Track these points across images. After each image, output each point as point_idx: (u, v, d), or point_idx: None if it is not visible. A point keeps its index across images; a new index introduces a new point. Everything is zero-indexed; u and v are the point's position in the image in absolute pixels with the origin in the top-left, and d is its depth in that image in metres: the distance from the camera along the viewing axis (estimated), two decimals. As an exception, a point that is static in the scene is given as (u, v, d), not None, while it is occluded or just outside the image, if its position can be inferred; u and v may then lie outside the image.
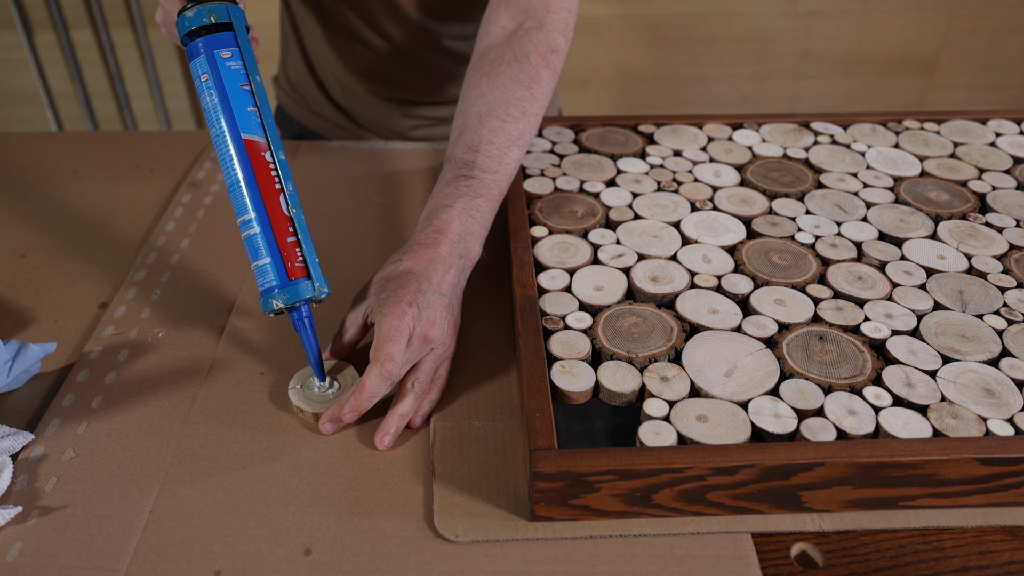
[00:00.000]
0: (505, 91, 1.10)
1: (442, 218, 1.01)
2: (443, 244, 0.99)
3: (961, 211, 1.18)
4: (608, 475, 0.80)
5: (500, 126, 1.08)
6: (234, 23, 0.92)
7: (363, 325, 1.00)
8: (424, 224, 1.02)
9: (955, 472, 0.82)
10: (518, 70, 1.11)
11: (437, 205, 1.03)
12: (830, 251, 1.10)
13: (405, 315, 0.91)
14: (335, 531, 0.84)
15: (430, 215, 1.03)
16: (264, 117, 0.91)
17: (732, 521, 0.85)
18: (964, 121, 1.42)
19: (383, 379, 0.90)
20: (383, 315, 0.92)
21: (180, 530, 0.84)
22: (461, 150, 1.07)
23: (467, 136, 1.08)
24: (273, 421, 0.96)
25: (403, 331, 0.91)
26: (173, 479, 0.89)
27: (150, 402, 0.98)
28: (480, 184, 1.04)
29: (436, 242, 0.99)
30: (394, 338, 0.90)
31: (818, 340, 0.95)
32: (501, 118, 1.08)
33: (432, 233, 1.00)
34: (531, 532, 0.83)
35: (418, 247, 0.99)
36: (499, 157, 1.07)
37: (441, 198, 1.04)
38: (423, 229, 1.01)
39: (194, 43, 0.92)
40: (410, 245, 1.00)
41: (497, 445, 0.92)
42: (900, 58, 3.20)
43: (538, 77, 1.12)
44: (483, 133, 1.07)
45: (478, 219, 1.03)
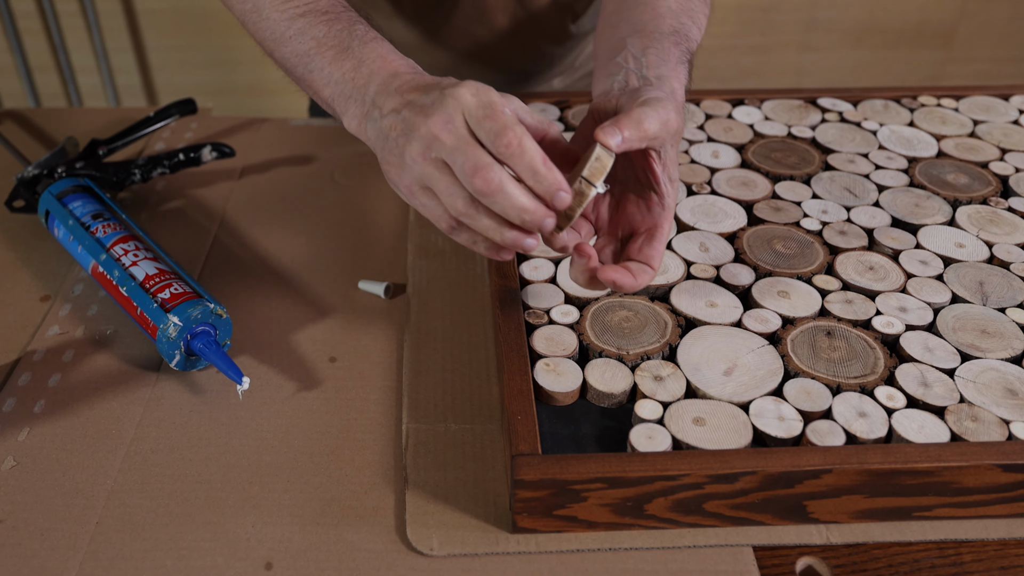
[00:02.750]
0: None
1: (668, 77, 0.95)
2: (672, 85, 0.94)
3: (981, 195, 1.18)
4: (596, 483, 0.80)
5: (679, 25, 1.04)
6: None
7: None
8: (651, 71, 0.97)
9: (975, 480, 0.82)
10: None
11: (657, 58, 0.97)
12: (839, 239, 1.10)
13: (675, 99, 0.90)
14: (298, 543, 0.84)
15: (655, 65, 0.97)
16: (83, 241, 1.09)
17: (732, 533, 0.85)
18: (985, 97, 1.42)
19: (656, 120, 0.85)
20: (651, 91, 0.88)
21: (129, 543, 0.84)
22: (658, 25, 1.03)
23: (664, 21, 1.03)
24: (230, 424, 0.95)
25: (669, 111, 0.86)
26: (122, 487, 0.89)
27: (97, 405, 0.98)
28: (684, 70, 1.00)
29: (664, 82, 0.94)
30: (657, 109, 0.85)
31: (825, 336, 0.95)
32: (692, 17, 1.06)
33: (662, 80, 0.94)
34: (512, 545, 0.83)
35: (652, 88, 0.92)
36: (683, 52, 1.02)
37: (663, 51, 0.98)
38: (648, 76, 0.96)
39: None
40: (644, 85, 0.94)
41: (475, 450, 0.92)
42: (915, 28, 3.20)
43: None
44: (670, 25, 1.03)
45: (681, 89, 0.97)
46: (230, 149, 1.30)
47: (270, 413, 0.97)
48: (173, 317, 0.96)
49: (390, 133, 0.86)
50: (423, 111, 0.83)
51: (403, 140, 0.84)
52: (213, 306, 0.98)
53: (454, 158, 0.81)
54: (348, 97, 0.92)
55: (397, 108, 0.86)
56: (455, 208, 0.83)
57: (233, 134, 1.46)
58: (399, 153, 0.85)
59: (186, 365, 0.99)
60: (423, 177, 0.84)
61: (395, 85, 0.88)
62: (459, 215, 0.84)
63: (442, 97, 0.82)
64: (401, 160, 0.85)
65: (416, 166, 0.84)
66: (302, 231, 1.24)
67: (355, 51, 0.93)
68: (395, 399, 0.99)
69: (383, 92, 0.88)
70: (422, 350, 1.04)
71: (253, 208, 1.29)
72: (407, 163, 0.84)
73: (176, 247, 1.19)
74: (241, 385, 0.94)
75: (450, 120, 0.80)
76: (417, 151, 0.83)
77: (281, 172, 1.37)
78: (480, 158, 0.79)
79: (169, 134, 1.45)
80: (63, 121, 1.49)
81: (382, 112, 0.87)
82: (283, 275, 1.16)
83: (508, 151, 0.79)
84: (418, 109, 0.83)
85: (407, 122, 0.84)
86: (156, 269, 1.02)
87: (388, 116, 0.87)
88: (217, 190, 1.32)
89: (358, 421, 0.96)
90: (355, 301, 1.12)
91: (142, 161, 1.27)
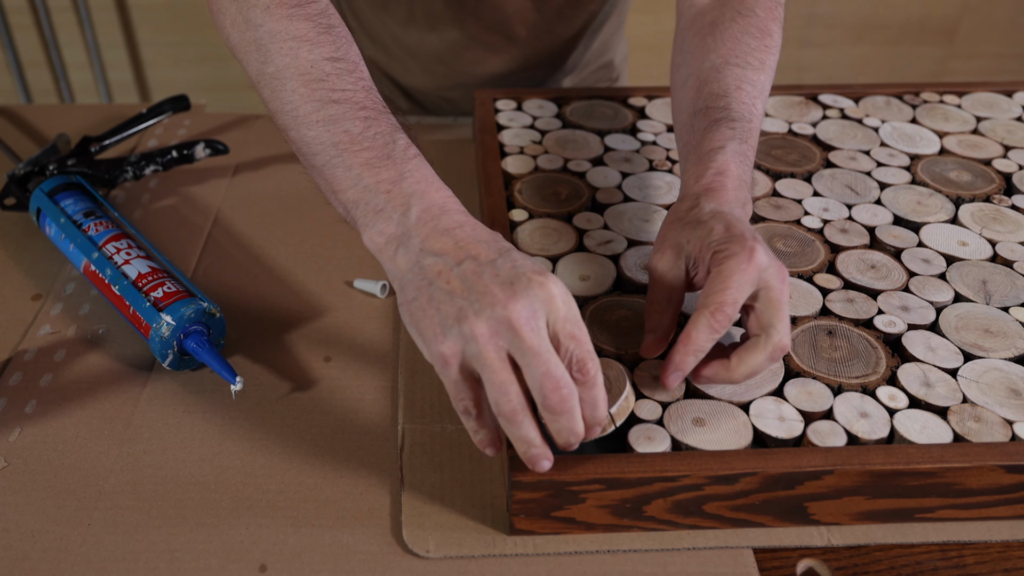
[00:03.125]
0: (737, 42, 1.06)
1: (719, 160, 0.94)
2: (728, 188, 0.92)
3: (984, 193, 1.18)
4: (595, 484, 0.80)
5: (743, 74, 1.03)
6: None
7: (684, 285, 0.91)
8: (698, 168, 0.95)
9: (978, 481, 0.82)
10: (745, 23, 1.07)
11: (707, 148, 0.96)
12: (840, 237, 1.10)
13: (755, 254, 0.83)
14: (293, 545, 0.84)
15: (702, 158, 0.95)
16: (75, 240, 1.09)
17: (732, 535, 0.85)
18: (988, 93, 1.42)
19: (710, 332, 0.83)
20: (728, 255, 0.84)
21: (122, 545, 0.84)
22: (708, 99, 1.02)
23: (710, 86, 1.03)
24: (224, 424, 0.95)
25: (751, 273, 0.83)
26: (115, 489, 0.89)
27: (89, 405, 0.97)
28: (742, 130, 0.98)
29: (723, 185, 0.92)
30: (736, 281, 0.83)
31: (827, 335, 0.95)
32: (741, 66, 1.04)
33: (715, 176, 0.93)
34: (509, 547, 0.83)
35: (708, 192, 0.92)
36: (749, 106, 1.01)
37: (709, 142, 0.96)
38: (702, 174, 0.94)
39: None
40: (698, 191, 0.93)
41: (472, 451, 0.92)
42: (917, 24, 3.20)
43: (768, 30, 1.09)
44: (727, 81, 1.02)
45: (746, 166, 0.96)
46: (224, 146, 1.30)
47: (264, 413, 0.97)
48: (166, 316, 0.96)
49: (436, 280, 0.77)
50: (502, 287, 0.75)
51: (463, 304, 0.75)
52: (206, 305, 0.98)
53: (531, 362, 0.74)
54: (378, 210, 0.83)
55: (451, 255, 0.78)
56: (503, 407, 0.76)
57: (227, 131, 1.46)
58: (450, 313, 0.76)
59: (179, 365, 0.99)
60: (474, 357, 0.75)
61: (445, 224, 0.81)
62: (501, 414, 0.76)
63: (529, 285, 0.75)
64: (447, 320, 0.76)
65: (473, 343, 0.75)
66: (296, 229, 1.24)
67: (396, 162, 0.84)
68: (391, 399, 0.99)
69: (429, 224, 0.80)
70: (418, 350, 1.03)
71: (247, 206, 1.29)
72: (461, 332, 0.75)
73: (169, 245, 1.19)
74: (235, 385, 0.94)
75: (534, 317, 0.74)
76: (485, 329, 0.74)
77: (275, 169, 1.36)
78: (563, 375, 0.75)
79: (162, 131, 1.45)
80: (54, 118, 1.48)
81: (425, 248, 0.79)
82: (277, 273, 1.15)
83: (583, 379, 0.76)
84: (491, 279, 0.76)
85: (471, 287, 0.76)
86: (149, 268, 1.02)
87: (435, 258, 0.78)
88: (211, 188, 1.32)
89: (353, 421, 0.96)
90: (350, 300, 1.12)
91: (134, 158, 1.26)
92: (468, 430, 0.81)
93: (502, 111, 1.35)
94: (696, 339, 0.83)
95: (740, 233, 0.85)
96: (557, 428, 0.76)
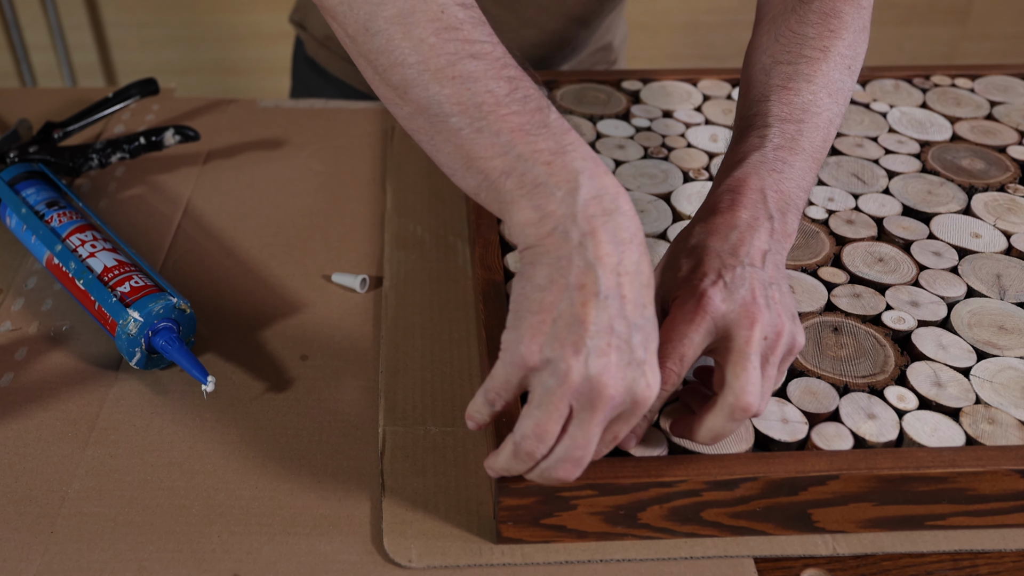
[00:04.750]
0: (792, 36, 1.00)
1: (735, 176, 0.90)
2: (741, 207, 0.86)
3: (999, 181, 1.18)
4: (586, 490, 0.80)
5: (793, 71, 0.98)
6: None
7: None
8: (714, 188, 0.92)
9: (992, 487, 0.82)
10: (804, 10, 1.01)
11: (726, 165, 0.93)
12: (846, 228, 1.10)
13: (705, 298, 0.80)
14: (267, 554, 0.83)
15: (718, 179, 0.92)
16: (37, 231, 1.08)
17: (732, 544, 0.85)
18: (1002, 76, 1.42)
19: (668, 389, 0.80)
20: (679, 303, 0.81)
21: (87, 554, 0.83)
22: (746, 107, 0.99)
23: (753, 91, 0.99)
24: (195, 427, 0.95)
25: (699, 322, 0.79)
26: (79, 495, 0.88)
27: (52, 406, 0.97)
28: (779, 134, 0.93)
29: (733, 205, 0.87)
30: (681, 332, 0.80)
31: (832, 332, 0.95)
32: (792, 62, 0.99)
33: (726, 195, 0.88)
34: (496, 556, 0.83)
35: (711, 214, 0.88)
36: (801, 104, 0.95)
37: (730, 157, 0.94)
38: (710, 198, 0.91)
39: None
40: (702, 214, 0.89)
41: (457, 455, 0.92)
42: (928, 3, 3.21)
43: (835, 10, 1.01)
44: (772, 82, 0.98)
45: (787, 176, 0.90)
46: (194, 132, 1.30)
47: (237, 415, 0.96)
48: (133, 312, 0.96)
49: (575, 292, 0.72)
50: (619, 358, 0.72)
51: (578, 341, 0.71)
52: (176, 300, 0.98)
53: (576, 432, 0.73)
54: (537, 183, 0.75)
55: (605, 277, 0.72)
56: (524, 447, 0.74)
57: (198, 116, 1.45)
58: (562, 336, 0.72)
59: (147, 363, 0.99)
60: (544, 388, 0.73)
61: (616, 227, 0.74)
62: (518, 449, 0.75)
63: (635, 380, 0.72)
64: (553, 342, 0.72)
65: (554, 379, 0.72)
66: (272, 220, 1.23)
67: (554, 132, 0.77)
68: (371, 400, 0.98)
69: (599, 218, 0.74)
70: (400, 348, 1.04)
71: (219, 196, 1.28)
72: (556, 363, 0.72)
73: (137, 237, 1.19)
74: (206, 385, 0.94)
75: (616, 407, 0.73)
76: (577, 380, 0.71)
77: (249, 157, 1.36)
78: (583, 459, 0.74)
79: (129, 116, 1.44)
80: (15, 102, 1.48)
81: (585, 244, 0.73)
82: (251, 267, 1.15)
83: (614, 443, 0.77)
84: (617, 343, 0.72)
85: (598, 332, 0.71)
86: (115, 261, 1.02)
87: (590, 266, 0.72)
88: (180, 176, 1.31)
89: (331, 424, 0.96)
90: (328, 295, 1.11)
91: (100, 145, 1.26)
92: (475, 404, 0.79)
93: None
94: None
95: (701, 273, 0.81)
96: (532, 477, 0.77)
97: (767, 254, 0.83)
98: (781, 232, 0.86)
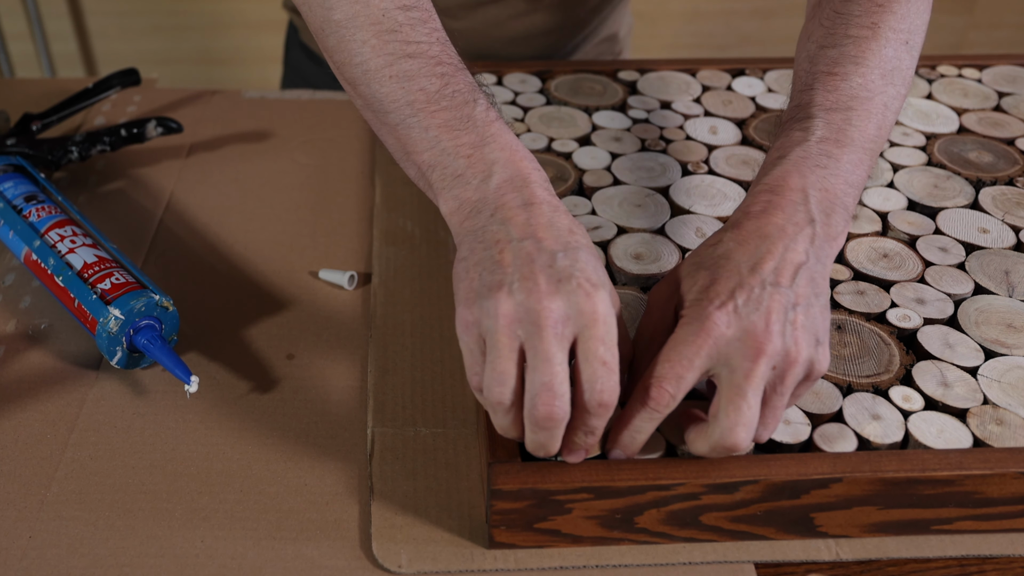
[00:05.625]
0: (836, 17, 0.97)
1: (773, 175, 0.88)
2: (778, 210, 0.84)
3: (1007, 175, 1.18)
4: (582, 493, 0.80)
5: (838, 54, 0.95)
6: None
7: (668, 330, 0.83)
8: (752, 188, 0.90)
9: (1000, 490, 0.82)
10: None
11: (766, 163, 0.91)
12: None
13: (710, 323, 0.78)
14: (252, 559, 0.83)
15: (757, 177, 0.90)
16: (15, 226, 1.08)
17: (731, 549, 0.85)
18: (1010, 67, 1.42)
19: (648, 412, 0.79)
20: (685, 320, 0.80)
21: (66, 559, 0.83)
22: (792, 99, 0.97)
23: (798, 83, 0.97)
24: (177, 428, 0.95)
25: (701, 345, 0.78)
26: (58, 498, 0.88)
27: (31, 407, 0.97)
28: (824, 125, 0.91)
29: (769, 207, 0.85)
30: (680, 353, 0.79)
31: (835, 330, 0.95)
32: (837, 45, 0.95)
33: (762, 195, 0.87)
34: (489, 562, 0.83)
35: (744, 218, 0.85)
36: (849, 91, 0.92)
37: (770, 155, 0.92)
38: (749, 194, 0.89)
39: None
40: (736, 218, 0.87)
41: (448, 457, 0.92)
42: (934, -9, 3.20)
43: None
44: (817, 68, 0.95)
45: (833, 171, 0.88)
46: (177, 124, 1.30)
47: (221, 416, 0.96)
48: (114, 310, 0.95)
49: (492, 247, 0.80)
50: (547, 281, 0.76)
51: (503, 279, 0.77)
52: (158, 298, 0.98)
53: (538, 366, 0.75)
54: (457, 175, 0.85)
55: (516, 229, 0.80)
56: (492, 395, 0.77)
57: (180, 108, 1.45)
58: (487, 282, 0.78)
59: (128, 363, 0.99)
60: (488, 333, 0.77)
61: (526, 196, 0.82)
62: (487, 400, 0.78)
63: (575, 290, 0.76)
64: (481, 289, 0.78)
65: (491, 320, 0.77)
66: (257, 215, 1.23)
67: (477, 125, 0.86)
68: (360, 400, 0.99)
69: (508, 195, 0.82)
70: (389, 346, 1.04)
71: (203, 190, 1.28)
72: (485, 305, 0.77)
73: (118, 232, 1.19)
74: (189, 385, 0.94)
75: (564, 323, 0.75)
76: (509, 311, 0.76)
77: (234, 150, 1.36)
78: (564, 393, 0.75)
79: (110, 108, 1.44)
80: (-8, 92, 1.48)
81: (496, 216, 0.82)
82: (236, 264, 1.15)
83: (600, 410, 0.77)
84: (542, 268, 0.77)
85: (519, 267, 0.77)
86: (95, 257, 1.01)
87: (500, 226, 0.81)
88: (163, 170, 1.31)
89: (318, 425, 0.96)
90: (315, 292, 1.12)
91: (80, 137, 1.26)
92: (478, 396, 0.81)
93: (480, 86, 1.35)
94: (631, 418, 0.80)
95: (715, 292, 0.80)
96: (532, 439, 0.77)
97: (802, 267, 0.81)
98: (824, 236, 0.84)
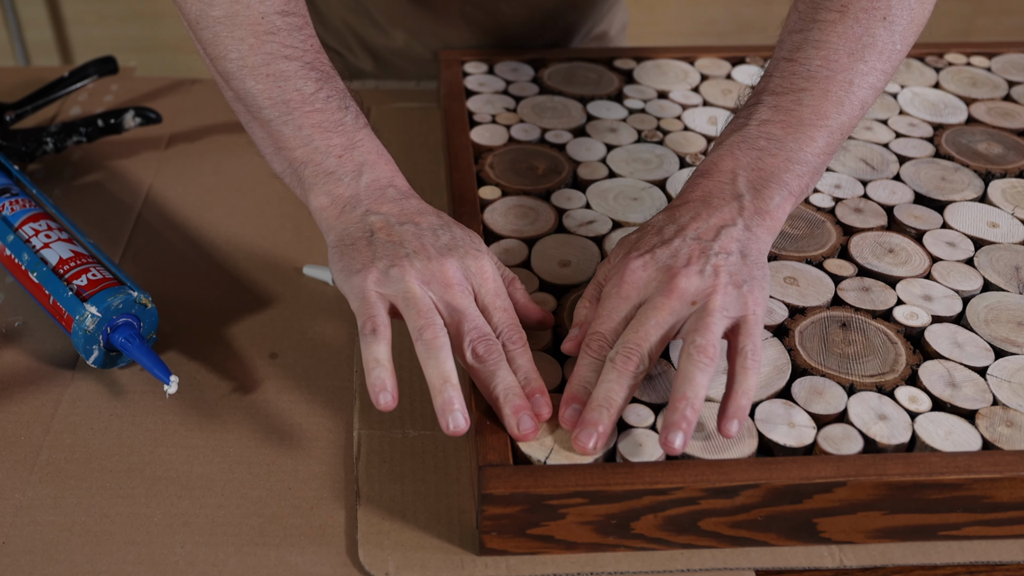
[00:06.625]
0: (810, 2, 0.99)
1: (707, 160, 0.97)
2: (706, 189, 0.94)
3: (1017, 167, 1.18)
4: (576, 498, 0.80)
5: (802, 39, 0.98)
6: None
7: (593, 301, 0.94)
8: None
9: (1010, 494, 0.82)
10: None
11: (708, 151, 0.98)
12: (853, 217, 1.10)
13: (627, 270, 0.89)
14: (234, 567, 0.83)
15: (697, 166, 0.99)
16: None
17: (731, 555, 0.85)
18: (1020, 55, 1.43)
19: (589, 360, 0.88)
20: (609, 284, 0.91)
21: (41, 566, 0.83)
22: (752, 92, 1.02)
23: (763, 75, 1.01)
24: (156, 430, 0.95)
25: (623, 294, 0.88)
26: (32, 502, 0.88)
27: (3, 407, 0.97)
28: (769, 109, 0.96)
29: (696, 187, 0.95)
30: (606, 307, 0.89)
31: (840, 328, 0.95)
32: (804, 31, 0.98)
33: (694, 179, 0.96)
34: (480, 569, 0.83)
35: (676, 200, 0.96)
36: (806, 73, 0.96)
37: (713, 142, 0.98)
38: (687, 181, 0.98)
39: None
40: (671, 203, 0.97)
41: (437, 460, 0.92)
42: (941, -23, 3.21)
43: None
44: (779, 55, 1.00)
45: (771, 152, 0.94)
46: (156, 115, 1.30)
47: (201, 417, 0.96)
48: (91, 307, 0.95)
49: (377, 232, 0.92)
50: (437, 250, 0.90)
51: (400, 250, 0.90)
52: (137, 294, 0.97)
53: (459, 319, 0.88)
54: (328, 172, 0.96)
55: (395, 216, 0.93)
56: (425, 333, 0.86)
57: (159, 97, 1.45)
58: (385, 254, 0.90)
59: (105, 362, 0.98)
60: (401, 294, 0.88)
61: (392, 195, 0.96)
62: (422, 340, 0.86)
63: (464, 254, 0.91)
64: (380, 261, 0.89)
65: (402, 283, 0.88)
66: (238, 208, 1.23)
67: (348, 129, 0.97)
68: (346, 401, 0.98)
69: (377, 192, 0.95)
70: (377, 345, 1.03)
71: (183, 182, 1.28)
72: (389, 273, 0.88)
73: (94, 227, 1.19)
74: (168, 385, 0.94)
75: (464, 281, 0.90)
76: (416, 275, 0.88)
77: (215, 141, 1.36)
78: (491, 332, 0.88)
79: (86, 97, 1.44)
80: (-36, 81, 1.48)
81: (371, 209, 0.94)
82: (217, 259, 1.15)
83: (515, 347, 0.89)
84: (429, 241, 0.91)
85: (408, 242, 0.90)
86: (71, 252, 1.01)
87: (379, 216, 0.93)
88: (141, 162, 1.31)
89: (303, 427, 0.96)
90: (299, 289, 1.11)
91: (55, 128, 1.26)
92: (366, 363, 0.85)
93: (471, 75, 1.35)
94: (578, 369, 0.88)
95: (636, 248, 0.91)
96: (489, 380, 0.86)
97: (725, 228, 0.90)
98: (753, 210, 0.92)
